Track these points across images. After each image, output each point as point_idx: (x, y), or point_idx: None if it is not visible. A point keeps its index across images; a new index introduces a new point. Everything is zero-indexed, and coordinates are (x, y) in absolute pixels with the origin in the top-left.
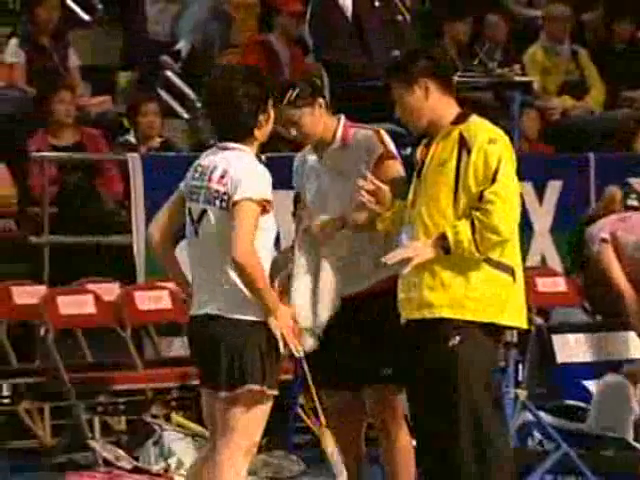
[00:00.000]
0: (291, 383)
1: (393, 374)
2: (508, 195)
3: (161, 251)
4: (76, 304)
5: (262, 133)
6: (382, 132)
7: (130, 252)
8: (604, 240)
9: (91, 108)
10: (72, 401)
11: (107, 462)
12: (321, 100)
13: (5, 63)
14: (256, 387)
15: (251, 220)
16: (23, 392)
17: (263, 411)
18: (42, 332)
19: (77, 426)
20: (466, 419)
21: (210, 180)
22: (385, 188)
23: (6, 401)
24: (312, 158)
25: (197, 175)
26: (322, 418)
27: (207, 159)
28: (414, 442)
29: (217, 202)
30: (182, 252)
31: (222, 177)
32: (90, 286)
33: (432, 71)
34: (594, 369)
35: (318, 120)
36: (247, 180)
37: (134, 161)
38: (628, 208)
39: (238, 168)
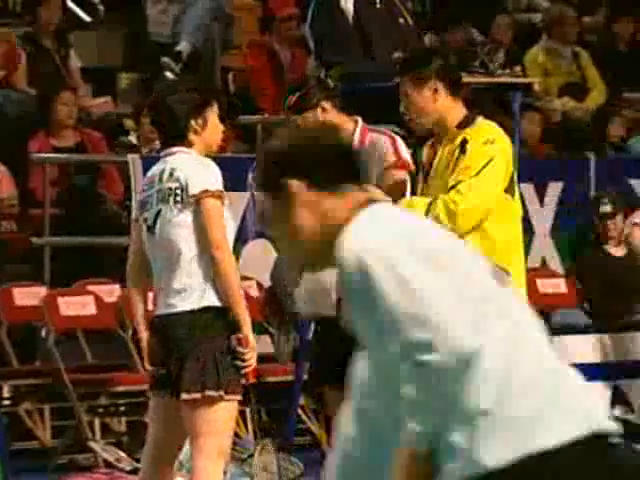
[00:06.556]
0: (291, 385)
1: None
2: (481, 190)
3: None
4: (77, 305)
5: (201, 139)
6: (397, 139)
7: None
8: None
9: (92, 109)
10: (73, 402)
11: (108, 463)
12: (325, 103)
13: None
14: (212, 393)
15: (218, 211)
16: (24, 393)
17: (226, 413)
18: (43, 333)
19: (78, 427)
20: None
21: (161, 181)
22: None
23: (7, 402)
24: None
25: (146, 187)
26: None
27: (153, 169)
28: None
29: (171, 199)
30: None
31: (171, 175)
32: (91, 287)
33: (443, 73)
34: (594, 370)
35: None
36: (198, 174)
37: (134, 162)
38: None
39: (184, 166)
